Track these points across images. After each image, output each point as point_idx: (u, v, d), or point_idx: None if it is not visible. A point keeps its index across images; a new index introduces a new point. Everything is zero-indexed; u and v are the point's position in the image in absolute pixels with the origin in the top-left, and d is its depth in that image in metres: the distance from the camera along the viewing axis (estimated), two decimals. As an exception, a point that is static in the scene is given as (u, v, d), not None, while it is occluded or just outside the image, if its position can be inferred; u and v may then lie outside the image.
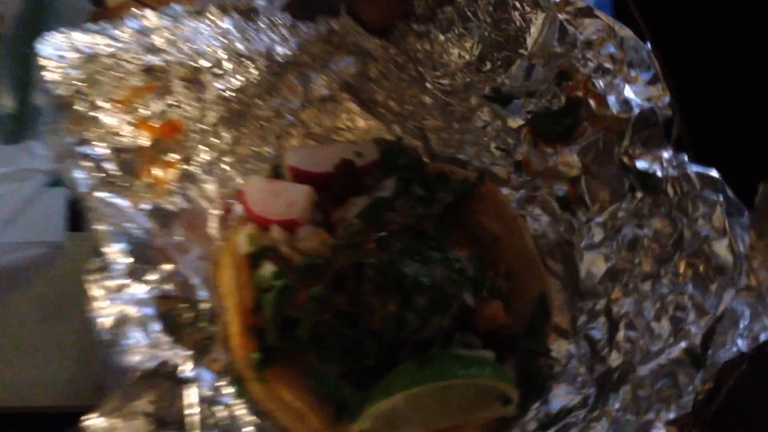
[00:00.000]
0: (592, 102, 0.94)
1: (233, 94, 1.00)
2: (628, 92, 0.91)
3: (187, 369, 0.72)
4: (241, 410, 0.80)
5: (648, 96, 0.90)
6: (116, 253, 0.70)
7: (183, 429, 0.69)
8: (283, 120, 1.08)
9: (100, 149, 0.80)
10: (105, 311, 0.67)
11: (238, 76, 1.00)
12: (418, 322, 0.84)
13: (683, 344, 0.77)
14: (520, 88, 1.04)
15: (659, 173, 0.87)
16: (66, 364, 1.01)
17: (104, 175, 0.79)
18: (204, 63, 0.95)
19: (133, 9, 0.92)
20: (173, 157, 0.94)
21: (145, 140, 0.88)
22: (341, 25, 1.11)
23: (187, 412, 0.70)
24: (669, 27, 1.09)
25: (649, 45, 0.93)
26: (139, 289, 0.71)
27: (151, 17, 0.93)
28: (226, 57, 0.98)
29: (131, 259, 0.71)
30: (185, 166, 0.96)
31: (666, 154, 0.87)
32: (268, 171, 1.05)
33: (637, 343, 0.82)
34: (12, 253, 0.98)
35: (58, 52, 0.80)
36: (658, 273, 0.85)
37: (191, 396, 0.72)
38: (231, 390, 0.80)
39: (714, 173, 0.83)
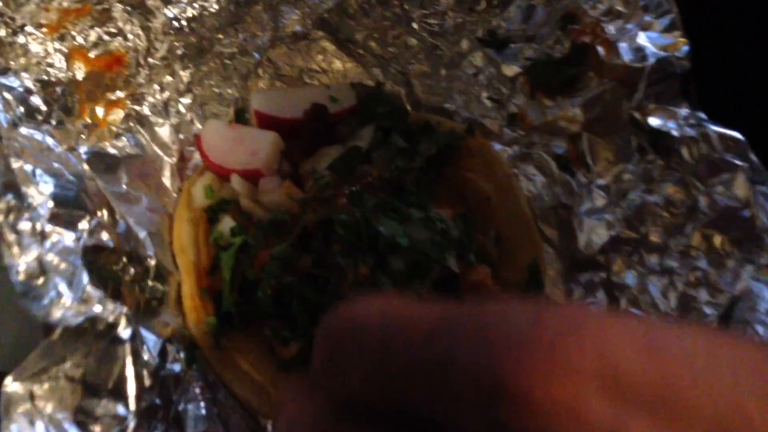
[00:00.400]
0: (600, 49, 0.83)
1: (189, 24, 0.88)
2: (642, 39, 0.80)
3: (124, 328, 0.61)
4: (190, 379, 0.71)
5: (664, 44, 0.79)
6: (39, 194, 0.59)
7: (117, 398, 0.60)
8: (250, 58, 0.96)
9: (26, 81, 0.68)
10: (21, 258, 0.55)
11: (194, 4, 0.88)
12: (394, 288, 0.75)
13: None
14: (518, 32, 0.93)
15: (675, 132, 0.77)
16: (8, 327, 0.91)
17: (30, 110, 0.67)
18: None
19: None
20: (118, 95, 0.82)
21: (80, 73, 0.76)
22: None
23: (122, 377, 0.61)
24: None
25: None
26: (67, 237, 0.60)
27: None
28: None
29: (56, 203, 0.60)
30: (134, 107, 0.84)
31: (683, 111, 0.77)
32: (230, 115, 0.95)
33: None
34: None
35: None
36: (667, 245, 0.76)
37: (129, 360, 0.63)
38: (179, 356, 0.70)
39: (737, 135, 0.74)
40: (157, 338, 0.69)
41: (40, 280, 0.57)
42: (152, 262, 0.74)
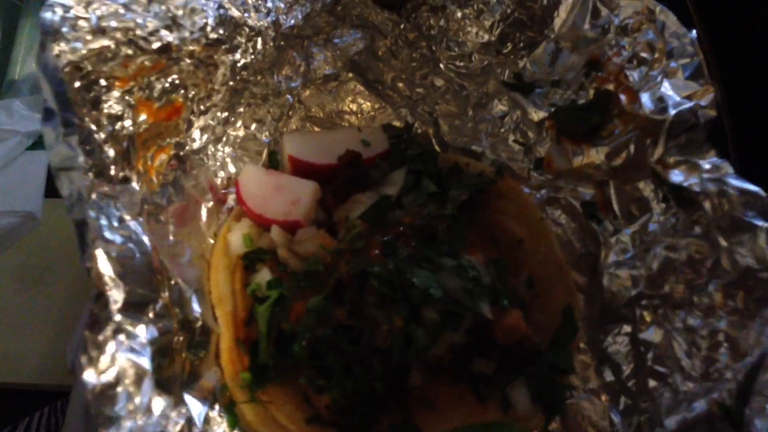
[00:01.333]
0: (623, 97, 0.83)
1: (240, 72, 0.90)
2: (665, 88, 0.79)
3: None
4: None
5: (688, 92, 0.78)
6: (113, 286, 0.62)
7: None
8: (283, 100, 0.98)
9: (97, 136, 0.70)
10: (95, 371, 0.59)
11: (247, 53, 0.89)
12: (428, 339, 0.77)
13: (715, 395, 0.69)
14: (544, 75, 0.93)
15: (696, 188, 0.76)
16: (42, 341, 0.99)
17: (101, 170, 0.70)
18: (213, 35, 0.84)
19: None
20: (167, 141, 0.84)
21: (144, 124, 0.78)
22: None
23: None
24: (725, 15, 0.95)
25: (694, 33, 0.82)
26: (136, 330, 0.64)
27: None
28: (234, 28, 0.86)
29: (127, 290, 0.64)
30: (177, 152, 0.86)
31: (706, 164, 0.76)
32: (264, 157, 0.97)
33: (666, 381, 0.75)
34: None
35: (61, 20, 0.69)
36: (691, 301, 0.76)
37: None
38: (223, 418, 0.74)
39: (759, 191, 0.73)
40: (202, 407, 0.72)
41: (111, 392, 0.59)
42: (198, 324, 0.78)
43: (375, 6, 0.98)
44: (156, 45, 0.76)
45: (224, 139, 0.94)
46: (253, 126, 0.97)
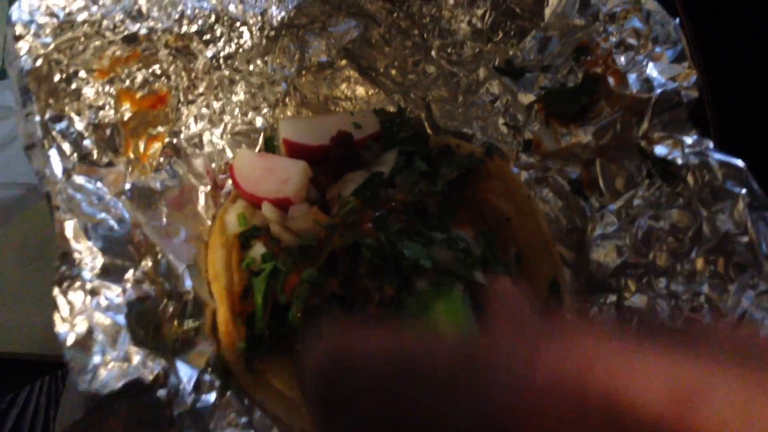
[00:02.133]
0: (611, 79, 0.86)
1: (225, 61, 0.93)
2: (651, 70, 0.83)
3: (161, 387, 0.65)
4: (225, 406, 0.76)
5: (672, 74, 0.82)
6: (88, 251, 0.64)
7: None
8: (278, 88, 1.01)
9: (78, 124, 0.74)
10: (69, 323, 0.60)
11: (231, 42, 0.93)
12: (418, 308, 0.78)
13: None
14: (533, 62, 0.96)
15: (679, 160, 0.79)
16: (44, 313, 0.99)
17: (83, 153, 0.72)
18: (193, 28, 0.88)
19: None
20: (159, 130, 0.87)
21: (128, 113, 0.81)
22: (341, -18, 1.02)
23: (164, 415, 0.66)
24: (707, 2, 0.99)
25: (677, 20, 0.85)
26: (114, 292, 0.65)
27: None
28: (215, 20, 0.90)
29: (105, 258, 0.65)
30: (172, 140, 0.89)
31: (688, 140, 0.80)
32: (260, 143, 1.00)
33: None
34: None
35: (31, 17, 0.72)
36: (674, 269, 0.79)
37: (169, 402, 0.67)
38: (215, 385, 0.76)
39: (738, 163, 0.76)
40: (192, 370, 0.73)
41: (86, 345, 0.61)
42: (190, 297, 0.79)
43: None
44: (124, 35, 0.80)
45: (221, 126, 0.97)
46: (250, 113, 1.00)
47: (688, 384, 0.32)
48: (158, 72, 0.85)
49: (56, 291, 0.59)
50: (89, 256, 0.63)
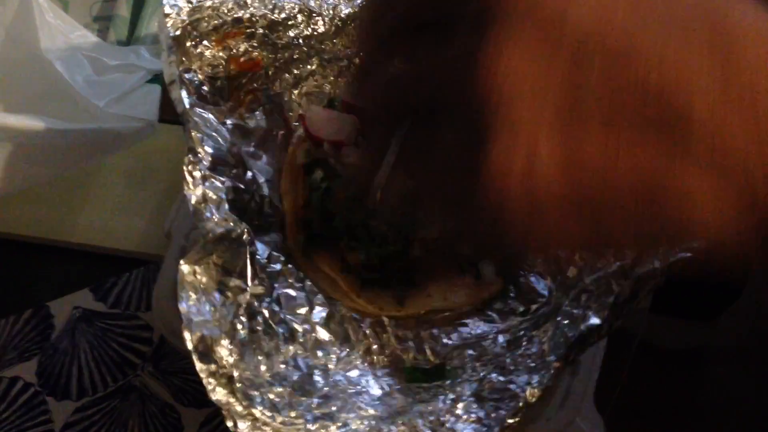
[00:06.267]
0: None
1: (303, 41, 1.27)
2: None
3: (248, 239, 0.96)
4: (286, 273, 1.06)
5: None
6: (205, 153, 1.00)
7: (242, 277, 0.95)
8: (342, 63, 1.34)
9: (198, 76, 1.10)
10: (193, 192, 0.96)
11: (308, 27, 1.27)
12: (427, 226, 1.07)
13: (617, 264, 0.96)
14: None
15: None
16: (144, 219, 1.28)
17: (201, 95, 1.09)
18: (282, 16, 1.23)
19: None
20: (254, 86, 1.22)
21: (233, 72, 1.17)
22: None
23: (245, 267, 0.96)
24: None
25: None
26: (218, 180, 1.00)
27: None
28: (298, 11, 1.25)
29: (213, 159, 1.01)
30: (262, 94, 1.23)
31: None
32: (324, 102, 1.31)
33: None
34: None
35: (175, 1, 1.10)
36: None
37: (248, 259, 0.96)
38: (281, 259, 1.07)
39: None
40: (266, 248, 1.05)
41: (202, 206, 0.93)
42: (267, 200, 1.12)
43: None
44: (234, 17, 1.17)
45: (298, 88, 1.29)
46: (320, 80, 1.32)
47: None
48: (255, 44, 1.19)
49: (185, 169, 0.95)
50: (205, 156, 0.99)
